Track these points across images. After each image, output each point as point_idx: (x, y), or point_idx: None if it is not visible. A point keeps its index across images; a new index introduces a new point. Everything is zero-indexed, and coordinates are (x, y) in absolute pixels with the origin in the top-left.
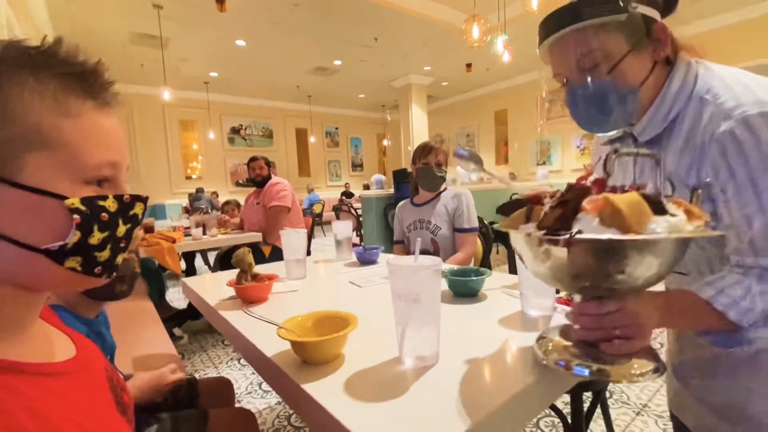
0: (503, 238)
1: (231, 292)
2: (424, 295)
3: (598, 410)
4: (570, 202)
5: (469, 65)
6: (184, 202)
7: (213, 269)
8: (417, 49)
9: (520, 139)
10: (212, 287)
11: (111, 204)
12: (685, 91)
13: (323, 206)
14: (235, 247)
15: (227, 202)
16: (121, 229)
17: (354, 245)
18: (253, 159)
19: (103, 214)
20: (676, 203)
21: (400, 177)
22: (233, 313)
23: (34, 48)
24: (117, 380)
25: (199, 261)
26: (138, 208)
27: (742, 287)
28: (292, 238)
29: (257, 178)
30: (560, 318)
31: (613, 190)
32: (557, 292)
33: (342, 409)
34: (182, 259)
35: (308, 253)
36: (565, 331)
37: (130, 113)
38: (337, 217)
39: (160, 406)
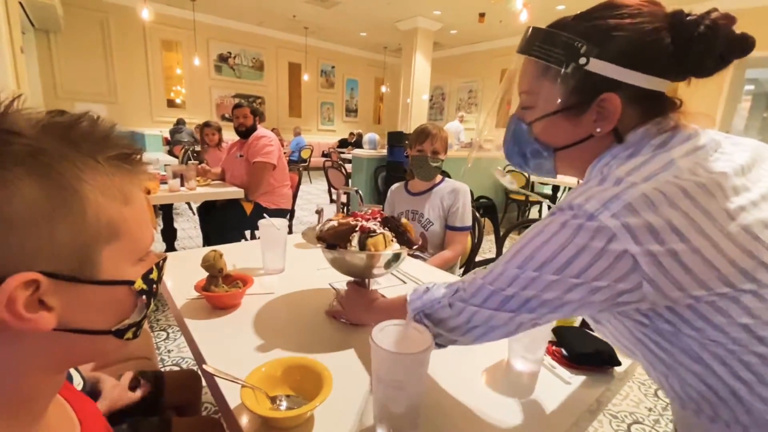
0: (490, 213)
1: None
2: (408, 383)
3: None
4: (345, 230)
5: (482, 15)
6: (166, 132)
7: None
8: None
9: None
10: (184, 274)
11: (155, 274)
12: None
13: (311, 152)
14: (214, 200)
15: (207, 124)
16: (157, 291)
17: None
18: (237, 106)
19: (155, 285)
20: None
21: (395, 140)
22: (200, 324)
23: (78, 130)
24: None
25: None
26: (164, 268)
27: (436, 289)
28: (270, 232)
29: (240, 128)
30: (547, 374)
31: (385, 220)
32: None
33: None
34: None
35: (293, 213)
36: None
37: (106, 25)
38: (326, 174)
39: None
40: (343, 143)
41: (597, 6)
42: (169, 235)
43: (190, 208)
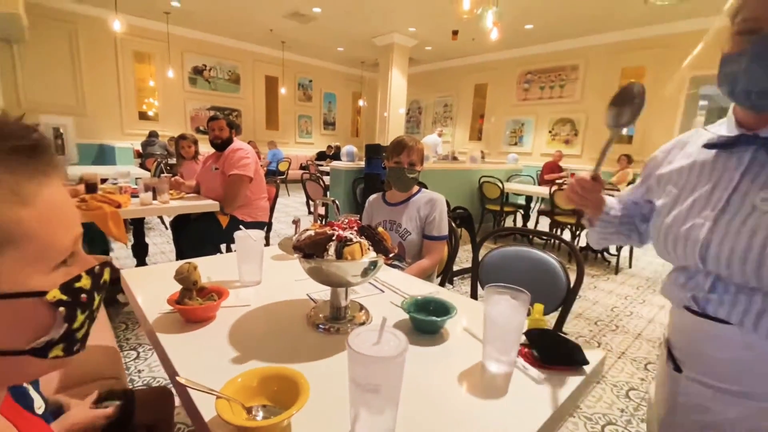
0: (467, 223)
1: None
2: (384, 386)
3: None
4: (322, 239)
5: (455, 32)
6: (137, 145)
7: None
8: (404, 7)
9: (497, 116)
10: (156, 288)
11: (86, 282)
12: None
13: (289, 164)
14: (188, 214)
15: (183, 137)
16: (96, 302)
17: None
18: (213, 118)
19: (83, 295)
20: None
21: (372, 152)
22: (173, 339)
23: None
24: None
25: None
26: (106, 274)
27: None
28: (246, 243)
29: (216, 140)
30: (519, 374)
31: (361, 229)
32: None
33: None
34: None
35: (270, 227)
36: None
37: (74, 36)
38: (304, 187)
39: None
40: (321, 156)
41: None
42: (141, 251)
43: (163, 223)
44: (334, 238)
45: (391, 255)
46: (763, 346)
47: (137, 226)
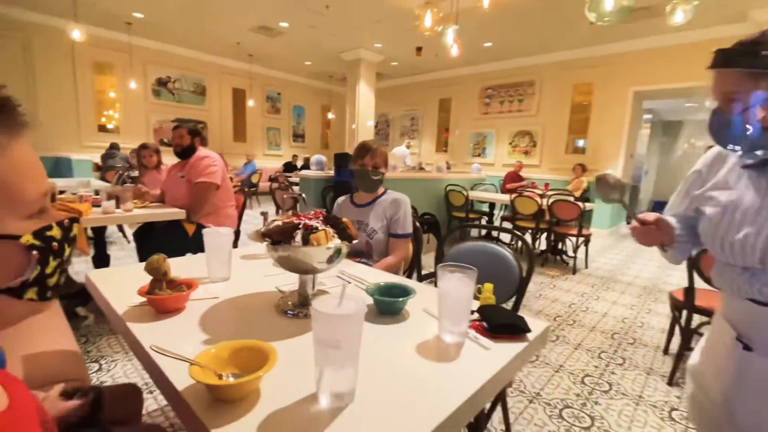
0: (434, 229)
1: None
2: (344, 342)
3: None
4: (289, 227)
5: (419, 49)
6: (96, 157)
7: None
8: (370, 24)
9: (461, 129)
10: (122, 286)
11: (56, 232)
12: None
13: (260, 176)
14: (153, 222)
15: (144, 146)
16: (67, 253)
17: None
18: (175, 127)
19: (54, 243)
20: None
21: (341, 161)
22: (143, 327)
23: None
24: (47, 421)
25: (112, 228)
26: (75, 229)
27: None
28: (215, 239)
29: (176, 148)
30: (471, 344)
31: (327, 218)
32: (472, 312)
33: None
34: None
35: (238, 235)
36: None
37: (28, 46)
38: (273, 197)
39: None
40: (288, 167)
41: None
42: (102, 263)
43: (125, 236)
44: (300, 226)
45: (354, 242)
46: None
47: (98, 237)
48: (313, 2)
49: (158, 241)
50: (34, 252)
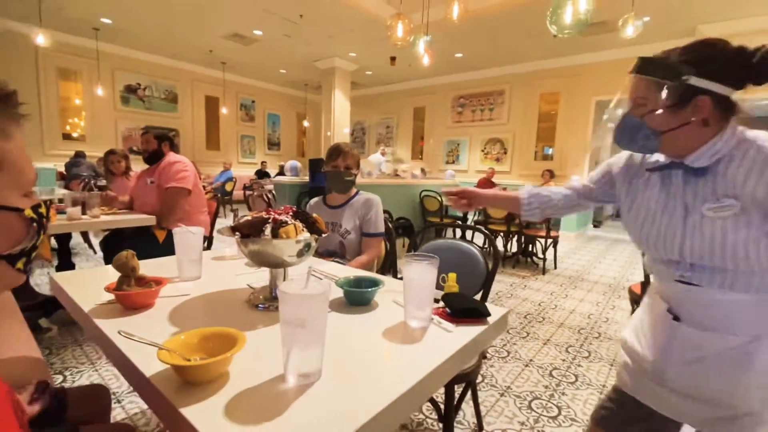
0: (408, 233)
1: (110, 295)
2: (309, 321)
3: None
4: (259, 221)
5: (393, 58)
6: (61, 166)
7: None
8: (344, 33)
9: (435, 137)
10: (89, 286)
11: (43, 210)
12: (733, 140)
13: (234, 184)
14: (121, 230)
15: (112, 152)
16: (44, 231)
17: None
18: (143, 134)
19: (43, 219)
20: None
21: (316, 166)
22: (111, 323)
23: None
24: (18, 404)
25: (77, 238)
26: (51, 212)
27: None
28: (185, 238)
29: (144, 153)
30: (435, 328)
31: (296, 213)
32: (436, 301)
33: None
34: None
35: (211, 240)
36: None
37: None
38: (247, 204)
39: None
40: (260, 174)
41: (696, 43)
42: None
43: (90, 246)
44: (270, 220)
45: (324, 235)
46: (733, 300)
47: (62, 246)
48: (286, 11)
49: (127, 248)
50: (34, 224)
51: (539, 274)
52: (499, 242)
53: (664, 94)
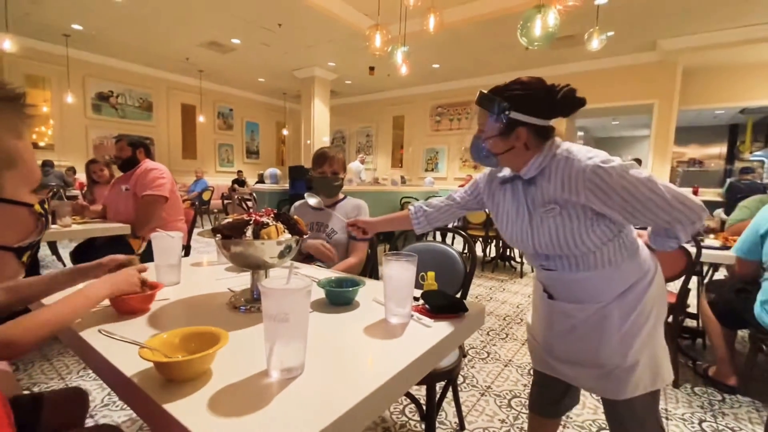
0: (388, 238)
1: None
2: (292, 315)
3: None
4: (240, 223)
5: (372, 68)
6: None
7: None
8: (322, 43)
9: (414, 145)
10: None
11: (47, 206)
12: (549, 156)
13: (212, 193)
14: (93, 240)
15: (94, 161)
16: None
17: None
18: (117, 141)
19: (48, 215)
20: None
21: (296, 174)
22: (90, 328)
23: None
24: (8, 409)
25: (44, 250)
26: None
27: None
28: (164, 242)
29: (117, 161)
30: (415, 324)
31: (277, 215)
32: (416, 299)
33: (203, 427)
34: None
35: (188, 249)
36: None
37: None
38: (226, 211)
39: None
40: (238, 183)
41: (515, 82)
42: None
43: (59, 258)
44: (251, 222)
45: (305, 236)
46: (583, 277)
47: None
48: (265, 20)
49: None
50: (42, 219)
51: (517, 277)
52: (479, 247)
53: (492, 124)
